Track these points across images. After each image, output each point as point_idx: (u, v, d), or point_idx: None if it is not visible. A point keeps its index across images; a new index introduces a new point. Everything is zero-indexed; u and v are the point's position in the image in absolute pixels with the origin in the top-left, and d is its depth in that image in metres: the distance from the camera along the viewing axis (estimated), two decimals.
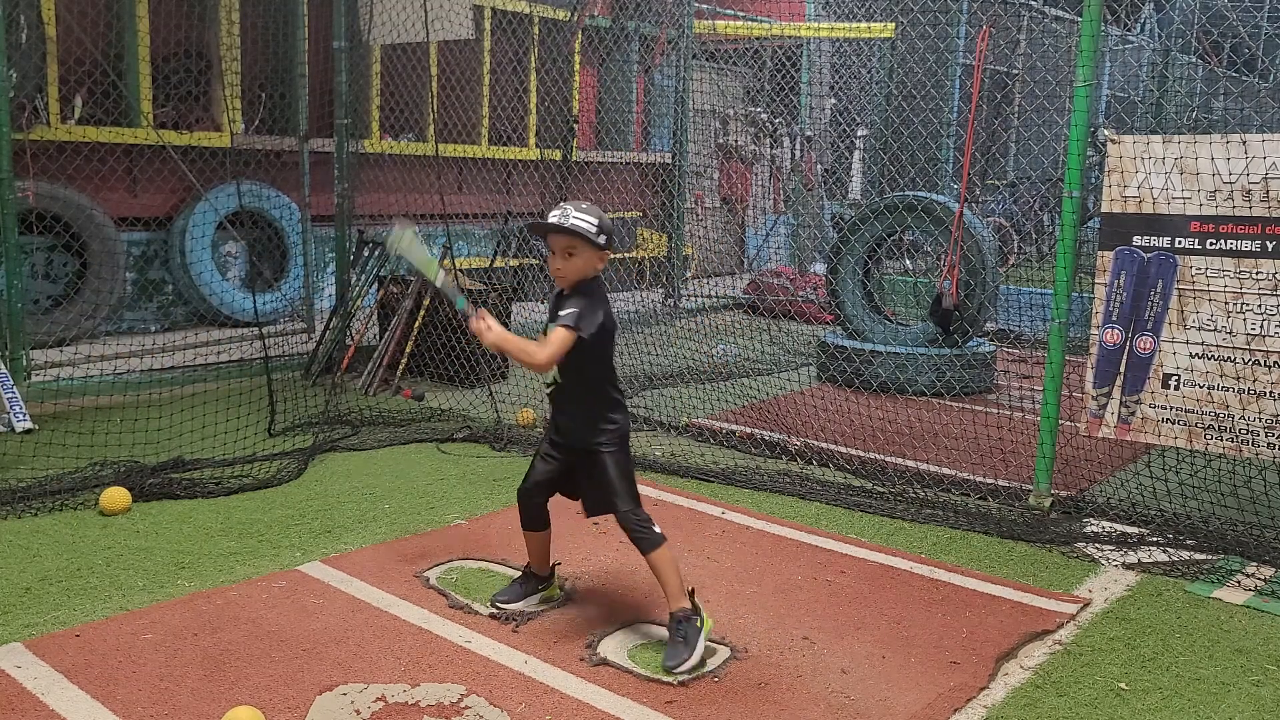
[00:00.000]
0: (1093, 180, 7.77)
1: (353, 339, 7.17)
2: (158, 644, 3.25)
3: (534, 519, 3.56)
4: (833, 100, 11.30)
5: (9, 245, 5.96)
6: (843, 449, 5.60)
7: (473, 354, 6.87)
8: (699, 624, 3.24)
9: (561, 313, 3.23)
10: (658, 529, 3.32)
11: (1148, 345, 4.42)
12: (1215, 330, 4.28)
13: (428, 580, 3.81)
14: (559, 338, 3.19)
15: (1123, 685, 3.19)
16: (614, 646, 3.34)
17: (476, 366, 6.86)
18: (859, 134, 11.06)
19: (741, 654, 3.32)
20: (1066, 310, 4.62)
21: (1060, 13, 10.21)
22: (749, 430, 5.89)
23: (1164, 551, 4.28)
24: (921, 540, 4.40)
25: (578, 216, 3.23)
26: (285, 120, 8.51)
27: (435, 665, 3.17)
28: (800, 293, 10.15)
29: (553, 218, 3.25)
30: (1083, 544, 4.36)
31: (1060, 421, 4.72)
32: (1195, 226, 4.27)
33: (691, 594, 3.31)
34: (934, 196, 7.41)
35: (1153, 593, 3.90)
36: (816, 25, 10.01)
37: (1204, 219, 4.25)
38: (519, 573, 3.73)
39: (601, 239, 3.24)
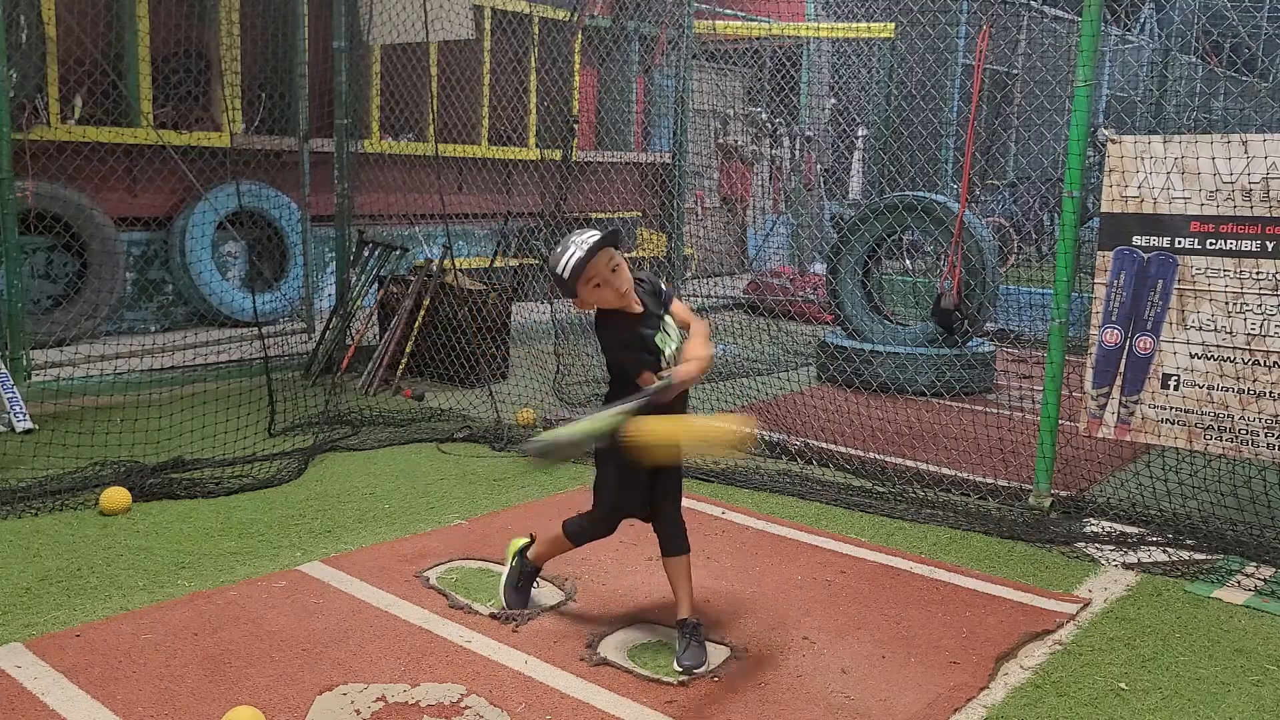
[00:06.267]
0: (1093, 180, 7.76)
1: (353, 339, 7.17)
2: (158, 644, 3.25)
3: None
4: (833, 100, 11.30)
5: (9, 245, 5.95)
6: (843, 449, 5.60)
7: (473, 354, 6.86)
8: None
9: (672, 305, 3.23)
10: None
11: (1147, 345, 4.42)
12: (1215, 330, 4.27)
13: (428, 580, 3.81)
14: (700, 323, 3.19)
15: (1123, 685, 3.19)
16: (614, 646, 3.34)
17: (476, 366, 6.86)
18: (859, 134, 11.06)
19: (741, 654, 3.32)
20: (1066, 310, 4.62)
21: (1060, 13, 10.20)
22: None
23: (1164, 551, 4.28)
24: (921, 540, 4.40)
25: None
26: (285, 120, 8.51)
27: (435, 665, 3.17)
28: (800, 293, 10.15)
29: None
30: (1083, 544, 4.36)
31: (1060, 421, 4.72)
32: (1195, 226, 4.27)
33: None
34: (934, 196, 7.41)
35: (1153, 593, 3.90)
36: (816, 25, 10.00)
37: (1204, 219, 4.25)
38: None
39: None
